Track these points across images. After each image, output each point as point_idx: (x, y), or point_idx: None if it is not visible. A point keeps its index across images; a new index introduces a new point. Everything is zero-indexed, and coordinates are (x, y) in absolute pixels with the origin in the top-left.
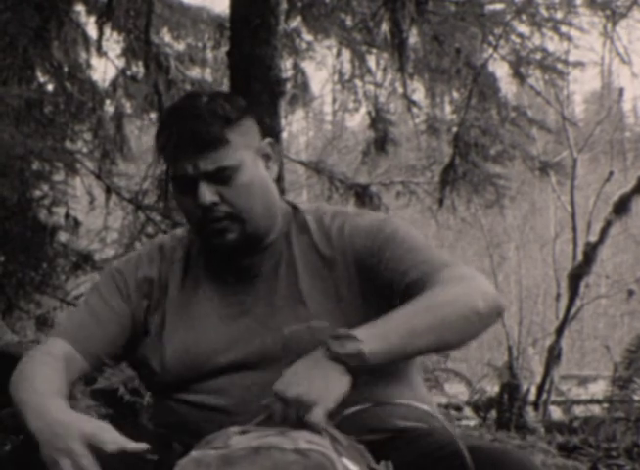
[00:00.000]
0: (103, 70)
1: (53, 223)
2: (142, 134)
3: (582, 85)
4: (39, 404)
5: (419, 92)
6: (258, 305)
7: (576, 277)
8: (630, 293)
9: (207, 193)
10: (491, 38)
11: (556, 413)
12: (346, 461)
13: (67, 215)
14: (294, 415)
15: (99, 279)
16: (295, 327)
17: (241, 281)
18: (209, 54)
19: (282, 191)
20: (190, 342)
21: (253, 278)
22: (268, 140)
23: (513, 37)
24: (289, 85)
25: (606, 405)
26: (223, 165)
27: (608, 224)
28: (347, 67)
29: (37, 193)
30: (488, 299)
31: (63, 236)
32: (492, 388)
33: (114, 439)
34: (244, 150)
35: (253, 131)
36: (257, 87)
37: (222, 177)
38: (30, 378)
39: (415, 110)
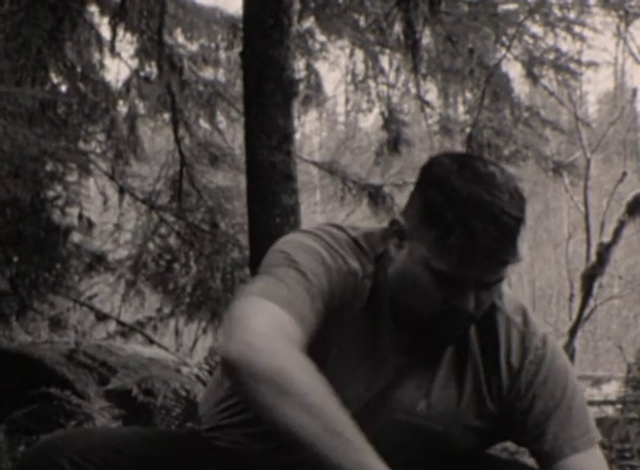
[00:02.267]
0: (116, 70)
1: (66, 224)
2: (155, 135)
3: (596, 85)
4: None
5: (432, 93)
6: (396, 384)
7: (590, 278)
8: None
9: (472, 300)
10: (504, 38)
11: None
12: None
13: (80, 216)
14: None
15: (299, 238)
16: (410, 419)
17: (396, 353)
18: (222, 54)
19: (294, 191)
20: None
21: (406, 356)
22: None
23: (526, 37)
24: (302, 86)
25: (619, 406)
26: (503, 277)
27: (621, 225)
28: (360, 67)
29: (51, 193)
30: None
31: (76, 237)
32: None
33: None
34: None
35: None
36: (270, 88)
37: (493, 286)
38: (313, 404)
39: (428, 110)
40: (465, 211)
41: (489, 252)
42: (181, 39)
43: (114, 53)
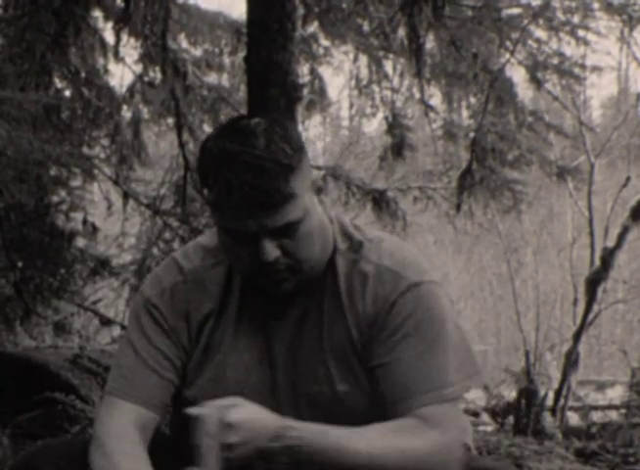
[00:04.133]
0: (120, 75)
1: (70, 229)
2: (159, 140)
3: (599, 90)
4: None
5: (436, 97)
6: (283, 354)
7: (594, 282)
8: None
9: (271, 250)
10: (508, 43)
11: (573, 419)
12: None
13: (84, 221)
14: None
15: (135, 312)
16: (317, 388)
17: (276, 319)
18: (226, 59)
19: None
20: (218, 381)
21: (279, 319)
22: (316, 172)
23: (530, 42)
24: (306, 91)
25: (624, 411)
26: (290, 220)
27: (625, 229)
28: (364, 72)
29: (55, 198)
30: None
31: (80, 241)
32: (510, 393)
33: None
34: (305, 195)
35: (309, 168)
36: (274, 93)
37: (287, 231)
38: None
39: (432, 115)
40: (217, 165)
41: (251, 198)
42: (185, 44)
43: (117, 58)
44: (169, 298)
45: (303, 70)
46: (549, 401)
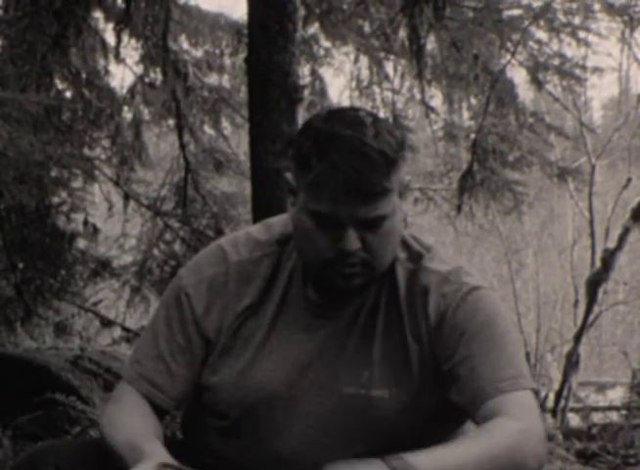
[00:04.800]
0: (121, 76)
1: (71, 230)
2: (160, 141)
3: (600, 91)
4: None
5: (437, 98)
6: (325, 354)
7: (594, 284)
8: None
9: (354, 240)
10: (509, 44)
11: (574, 420)
12: None
13: (85, 222)
14: None
15: (167, 295)
16: (354, 391)
17: (319, 317)
18: (227, 60)
19: None
20: (247, 374)
21: (332, 319)
22: (406, 177)
23: (531, 43)
24: (306, 92)
25: (624, 412)
26: (381, 214)
27: (626, 231)
28: (365, 73)
29: (56, 200)
30: (538, 457)
31: (81, 243)
32: None
33: None
34: (396, 193)
35: (404, 167)
36: (275, 94)
37: (373, 224)
38: (124, 425)
39: (433, 116)
40: (325, 147)
41: (351, 183)
42: (186, 45)
43: (118, 59)
44: (206, 289)
45: (304, 72)
46: (550, 403)
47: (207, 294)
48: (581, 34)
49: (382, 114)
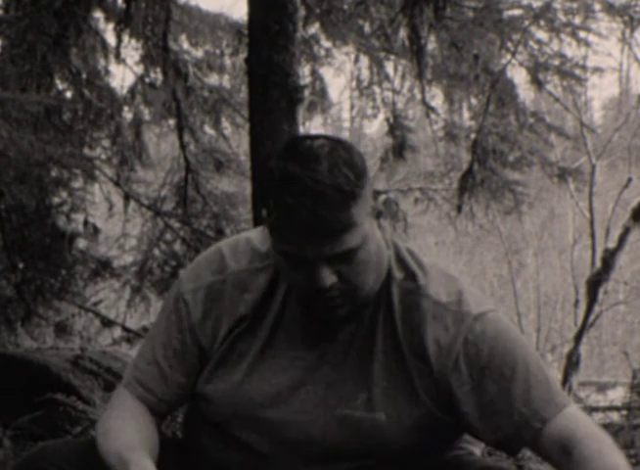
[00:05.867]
0: (121, 76)
1: (72, 230)
2: (160, 141)
3: (601, 91)
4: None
5: (437, 98)
6: (320, 373)
7: (595, 284)
8: None
9: (328, 276)
10: (509, 44)
11: None
12: None
13: (85, 222)
14: None
15: (167, 300)
16: (352, 413)
17: (315, 337)
18: (228, 61)
19: None
20: (241, 388)
21: (328, 339)
22: (377, 198)
23: (531, 43)
24: (307, 92)
25: (625, 412)
26: (349, 248)
27: (626, 231)
28: (366, 73)
29: (56, 200)
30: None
31: (81, 243)
32: None
33: None
34: (365, 221)
35: (370, 192)
36: (275, 94)
37: (344, 258)
38: (118, 435)
39: (433, 116)
40: (279, 189)
41: (310, 225)
42: (186, 45)
43: (119, 59)
44: (204, 296)
45: (304, 72)
46: None
47: (205, 301)
48: (582, 34)
49: (382, 114)
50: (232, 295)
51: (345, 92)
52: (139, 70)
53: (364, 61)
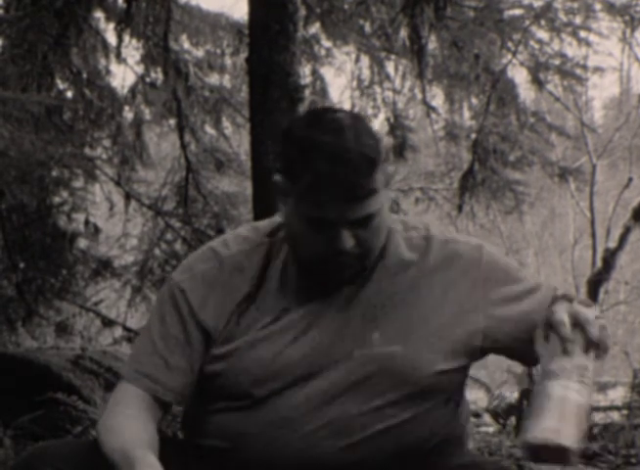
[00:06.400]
0: (122, 76)
1: (72, 230)
2: (161, 141)
3: (601, 91)
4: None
5: (438, 98)
6: (330, 326)
7: (596, 283)
8: None
9: (348, 239)
10: (510, 44)
11: None
12: None
13: (86, 222)
14: None
15: (161, 296)
16: (366, 351)
17: (318, 297)
18: (228, 60)
19: None
20: (265, 355)
21: (331, 296)
22: (390, 167)
23: (532, 43)
24: (307, 91)
25: (625, 412)
26: (370, 212)
27: (627, 230)
28: (366, 73)
29: (57, 199)
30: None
31: (82, 242)
32: (512, 394)
33: None
34: (382, 188)
35: (385, 163)
36: (276, 93)
37: (364, 222)
38: (120, 432)
39: (434, 116)
40: (308, 155)
41: (339, 190)
42: (187, 45)
43: (119, 59)
44: (200, 282)
45: (305, 71)
46: None
47: (202, 287)
48: (582, 34)
49: (383, 113)
50: (229, 277)
51: (346, 92)
52: (140, 69)
53: (365, 60)
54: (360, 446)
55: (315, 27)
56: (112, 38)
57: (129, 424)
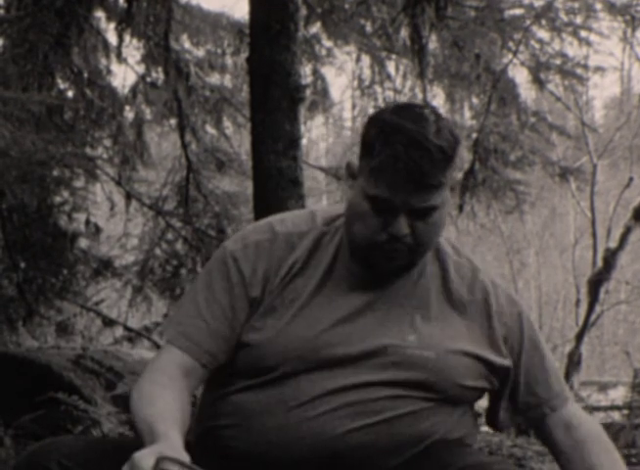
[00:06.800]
0: (123, 76)
1: (73, 229)
2: (162, 140)
3: (602, 91)
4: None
5: (439, 98)
6: (368, 314)
7: (596, 283)
8: None
9: (405, 226)
10: (511, 44)
11: None
12: None
13: (87, 222)
14: None
15: (211, 263)
16: (397, 342)
17: (363, 288)
18: (229, 60)
19: (301, 197)
20: (295, 325)
21: (376, 289)
22: (458, 173)
23: (532, 42)
24: (308, 91)
25: (626, 412)
26: (433, 205)
27: (627, 230)
28: (367, 72)
29: (58, 199)
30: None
31: (83, 242)
32: None
33: None
34: (448, 187)
35: (459, 164)
36: (277, 93)
37: (423, 213)
38: (152, 402)
39: None
40: (390, 138)
41: (411, 173)
42: (187, 45)
43: (120, 58)
44: (252, 252)
45: (306, 71)
46: None
47: (254, 256)
48: (583, 34)
49: None
50: (280, 252)
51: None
52: (140, 69)
53: (365, 60)
54: (374, 428)
55: (316, 27)
56: (112, 38)
57: (163, 394)
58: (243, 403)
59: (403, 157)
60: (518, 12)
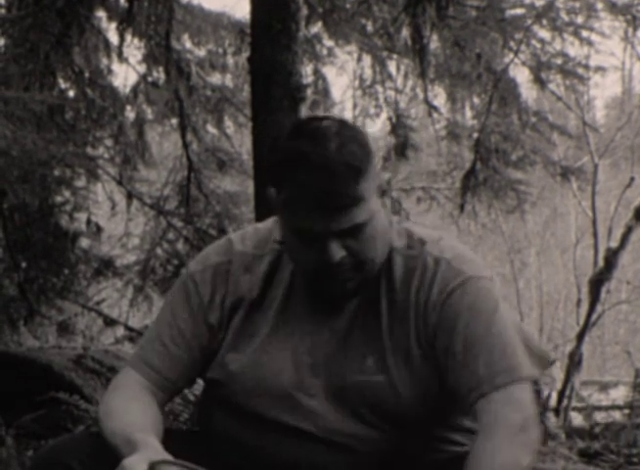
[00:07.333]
0: (124, 76)
1: (74, 229)
2: (163, 140)
3: (603, 90)
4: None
5: (440, 97)
6: (329, 345)
7: (597, 283)
8: None
9: (337, 250)
10: (512, 43)
11: (577, 419)
12: None
13: (88, 221)
14: None
15: (175, 284)
16: (357, 378)
17: (322, 312)
18: (230, 60)
19: None
20: (259, 360)
21: (334, 313)
22: (385, 175)
23: (534, 42)
24: (309, 91)
25: (627, 411)
26: (357, 223)
27: (629, 230)
28: (368, 72)
29: (59, 199)
30: (532, 452)
31: (84, 242)
32: None
33: None
34: (372, 197)
35: (376, 170)
36: (278, 93)
37: (352, 232)
38: (123, 414)
39: (436, 115)
40: (289, 166)
41: (320, 200)
42: (189, 44)
43: (121, 58)
44: (211, 276)
45: (307, 71)
46: (552, 402)
47: (212, 280)
48: (584, 33)
49: (385, 113)
50: (237, 275)
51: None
52: (142, 69)
53: (367, 60)
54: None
55: (317, 27)
56: (114, 38)
57: (129, 407)
58: (235, 434)
59: (308, 184)
60: (519, 11)
